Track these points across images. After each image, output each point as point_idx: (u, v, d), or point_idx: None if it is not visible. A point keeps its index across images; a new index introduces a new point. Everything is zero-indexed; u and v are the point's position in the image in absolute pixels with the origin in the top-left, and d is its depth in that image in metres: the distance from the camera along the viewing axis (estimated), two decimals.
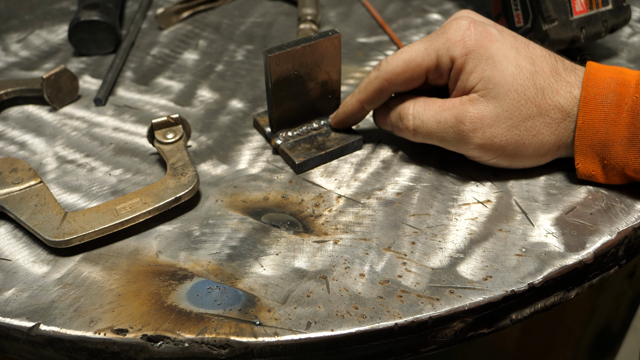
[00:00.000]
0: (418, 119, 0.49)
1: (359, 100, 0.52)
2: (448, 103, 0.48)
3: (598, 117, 0.46)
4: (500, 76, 0.46)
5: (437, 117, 0.48)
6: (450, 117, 0.48)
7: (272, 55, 0.49)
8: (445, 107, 0.48)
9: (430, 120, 0.49)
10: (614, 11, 0.59)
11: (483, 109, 0.47)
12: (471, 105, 0.47)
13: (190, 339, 0.40)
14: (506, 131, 0.47)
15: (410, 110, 0.50)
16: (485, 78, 0.47)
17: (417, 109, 0.49)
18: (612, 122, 0.46)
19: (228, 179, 0.52)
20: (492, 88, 0.46)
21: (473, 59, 0.47)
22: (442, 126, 0.48)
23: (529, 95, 0.47)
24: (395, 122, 0.51)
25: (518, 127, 0.47)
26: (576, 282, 0.45)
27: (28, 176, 0.49)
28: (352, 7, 0.75)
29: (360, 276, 0.43)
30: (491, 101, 0.47)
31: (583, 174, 0.48)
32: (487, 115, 0.47)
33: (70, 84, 0.60)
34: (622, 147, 0.46)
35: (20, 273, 0.44)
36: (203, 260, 0.45)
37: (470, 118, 0.47)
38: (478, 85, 0.47)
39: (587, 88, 0.46)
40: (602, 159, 0.47)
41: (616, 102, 0.46)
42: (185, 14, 0.73)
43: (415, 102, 0.50)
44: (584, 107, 0.46)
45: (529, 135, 0.47)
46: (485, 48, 0.47)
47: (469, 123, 0.47)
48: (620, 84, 0.46)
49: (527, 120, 0.47)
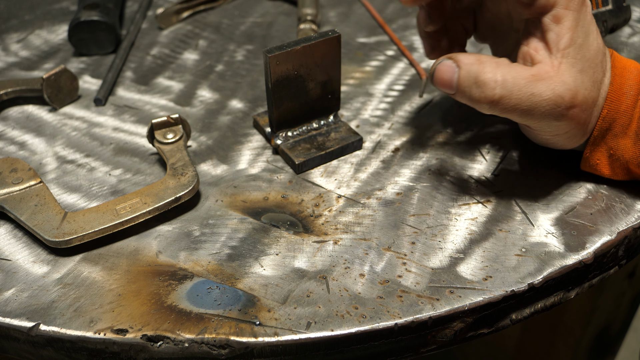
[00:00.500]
0: (504, 87, 0.42)
1: None
2: (540, 71, 0.43)
3: (620, 107, 0.45)
4: (587, 49, 0.43)
5: (530, 88, 0.42)
6: (547, 90, 0.42)
7: (272, 55, 0.49)
8: (540, 76, 0.42)
9: (520, 91, 0.42)
10: (614, 11, 0.59)
11: (576, 83, 0.43)
12: (568, 76, 0.42)
13: (190, 339, 0.40)
14: (582, 113, 0.44)
15: (495, 76, 0.42)
16: (579, 44, 0.43)
17: (505, 74, 0.42)
18: (629, 115, 0.45)
19: (228, 179, 0.52)
20: (580, 59, 0.43)
21: (574, 19, 0.42)
22: (535, 99, 0.42)
23: (597, 77, 0.44)
24: (468, 87, 0.43)
25: (587, 111, 0.44)
26: (576, 282, 0.45)
27: (28, 176, 0.49)
28: (352, 7, 0.75)
29: (360, 276, 0.43)
30: (578, 75, 0.43)
31: (587, 163, 0.48)
32: (580, 92, 0.43)
33: (70, 84, 0.60)
34: (630, 141, 0.45)
35: (20, 273, 0.44)
36: (203, 260, 0.45)
37: (570, 93, 0.42)
38: (570, 49, 0.43)
39: (615, 77, 0.45)
40: (609, 148, 0.47)
41: (635, 94, 0.45)
42: (185, 14, 0.73)
43: (498, 66, 0.43)
44: (611, 95, 0.45)
45: (587, 121, 0.45)
46: (584, 15, 0.43)
47: (568, 99, 0.42)
48: (638, 75, 0.45)
49: (592, 106, 0.45)
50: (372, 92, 0.61)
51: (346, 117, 0.58)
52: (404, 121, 0.57)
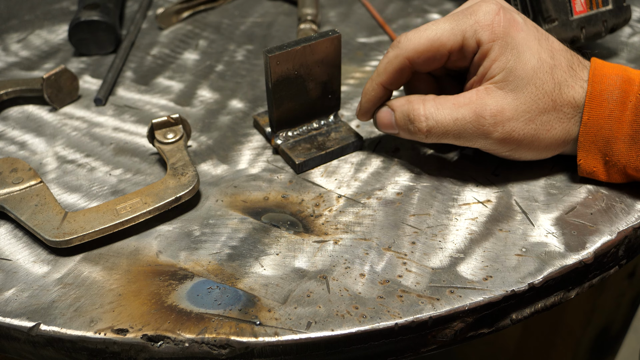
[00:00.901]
0: (432, 119, 0.47)
1: (380, 83, 0.49)
2: (462, 99, 0.47)
3: (603, 113, 0.46)
4: (522, 68, 0.45)
5: (453, 115, 0.46)
6: (468, 113, 0.46)
7: (272, 55, 0.49)
8: (461, 103, 0.46)
9: (445, 118, 0.47)
10: (614, 11, 0.59)
11: (502, 102, 0.46)
12: (490, 98, 0.46)
13: (190, 339, 0.40)
14: (524, 125, 0.46)
15: (421, 112, 0.47)
16: (508, 69, 0.46)
17: (429, 109, 0.47)
18: (616, 119, 0.46)
19: (228, 179, 0.52)
20: (512, 80, 0.46)
21: (500, 47, 0.45)
22: (460, 123, 0.46)
23: (546, 89, 0.46)
24: (404, 124, 0.49)
25: (534, 121, 0.46)
26: (576, 282, 0.45)
27: (28, 176, 0.49)
28: (352, 7, 0.75)
29: (361, 276, 0.43)
30: (509, 93, 0.46)
31: (584, 171, 0.48)
32: (506, 108, 0.46)
33: (70, 84, 0.60)
34: (624, 145, 0.46)
35: (20, 273, 0.44)
36: (203, 260, 0.45)
37: (490, 111, 0.46)
38: (499, 76, 0.46)
39: (594, 84, 0.46)
40: (604, 155, 0.47)
41: (621, 99, 0.46)
42: (185, 14, 0.73)
43: (424, 102, 0.48)
44: (590, 103, 0.46)
45: (544, 130, 0.47)
46: (512, 37, 0.46)
47: (489, 117, 0.46)
48: (625, 81, 0.46)
49: (542, 115, 0.46)
50: None
51: (346, 117, 0.58)
52: None
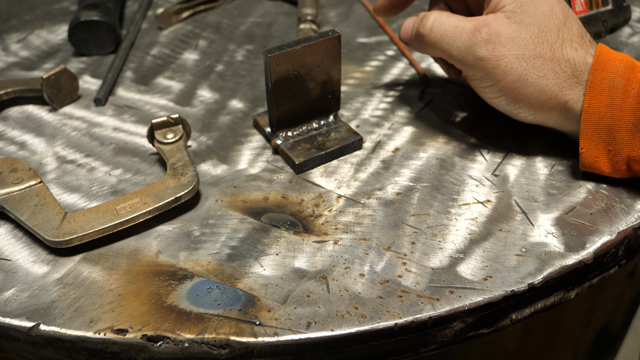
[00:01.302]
0: (437, 20, 0.50)
1: None
2: (473, 17, 0.50)
3: (604, 101, 0.46)
4: (532, 8, 0.48)
5: (456, 23, 0.49)
6: (469, 25, 0.49)
7: (272, 55, 0.49)
8: (469, 18, 0.50)
9: (449, 23, 0.50)
10: (614, 11, 0.59)
11: (502, 27, 0.48)
12: (494, 21, 0.48)
13: (190, 339, 0.40)
14: (514, 59, 0.47)
15: (434, 13, 0.51)
16: (519, 2, 0.48)
17: (442, 14, 0.51)
18: (618, 107, 0.46)
19: (228, 179, 0.52)
20: (520, 13, 0.48)
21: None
22: (458, 31, 0.49)
23: (548, 38, 0.48)
24: (416, 24, 0.52)
25: (527, 60, 0.47)
26: (576, 282, 0.45)
27: (28, 176, 0.49)
28: (352, 7, 0.75)
29: (360, 276, 0.43)
30: (513, 24, 0.48)
31: (586, 161, 0.48)
32: (503, 34, 0.48)
33: (70, 84, 0.60)
34: (627, 133, 0.45)
35: (20, 273, 0.44)
36: (203, 260, 0.45)
37: (488, 29, 0.48)
38: (509, 6, 0.48)
39: (595, 72, 0.46)
40: (607, 144, 0.47)
41: (623, 87, 0.46)
42: (185, 14, 0.73)
43: (440, 11, 0.51)
44: (590, 90, 0.46)
45: (534, 75, 0.47)
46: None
47: (485, 33, 0.48)
48: (629, 69, 0.46)
49: (537, 59, 0.47)
50: (372, 92, 0.61)
51: (346, 117, 0.58)
52: (404, 121, 0.57)
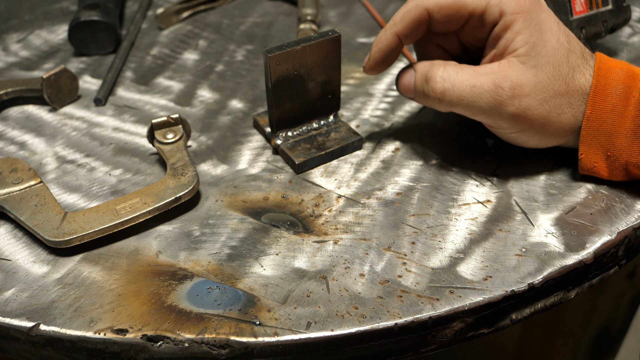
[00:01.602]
0: (448, 81, 0.46)
1: (395, 32, 0.48)
2: (484, 68, 0.46)
3: (606, 107, 0.46)
4: (543, 46, 0.45)
5: (471, 81, 0.46)
6: (487, 82, 0.45)
7: (272, 55, 0.49)
8: (481, 72, 0.46)
9: (463, 83, 0.46)
10: (614, 11, 0.59)
11: (522, 76, 0.45)
12: (511, 71, 0.45)
13: (190, 339, 0.40)
14: (539, 104, 0.46)
15: (439, 72, 0.47)
16: (531, 43, 0.45)
17: (448, 71, 0.47)
18: (619, 114, 0.46)
19: (228, 179, 0.52)
20: (534, 56, 0.45)
21: (524, 20, 0.45)
22: (477, 90, 0.46)
23: (562, 71, 0.46)
24: (421, 85, 0.48)
25: (548, 102, 0.46)
26: (576, 282, 0.45)
27: (28, 176, 0.49)
28: (352, 7, 0.75)
29: (360, 276, 0.43)
30: (530, 70, 0.45)
31: (585, 166, 0.48)
32: (526, 84, 0.45)
33: (70, 84, 0.60)
34: (626, 140, 0.46)
35: (20, 273, 0.44)
36: (203, 260, 0.45)
37: (510, 83, 0.45)
38: (521, 50, 0.45)
39: (599, 77, 0.46)
40: (606, 150, 0.47)
41: (624, 94, 0.46)
42: (185, 14, 0.73)
43: (445, 65, 0.47)
44: (594, 96, 0.46)
45: (555, 113, 0.47)
46: (536, 14, 0.46)
47: (508, 89, 0.45)
48: (630, 76, 0.46)
49: (556, 97, 0.46)
50: (372, 92, 0.61)
51: (346, 117, 0.58)
52: (404, 121, 0.57)
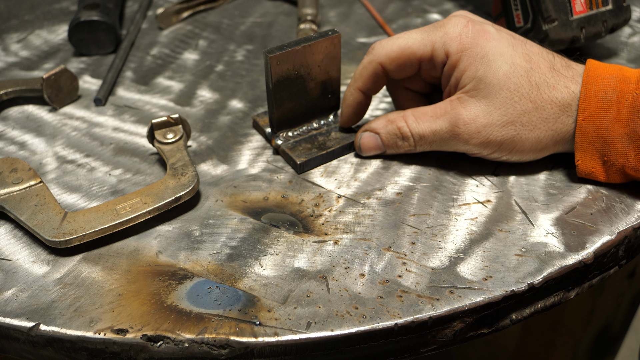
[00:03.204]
0: (417, 134, 0.50)
1: (357, 88, 0.52)
2: (438, 109, 0.49)
3: (598, 113, 0.46)
4: (493, 75, 0.47)
5: (432, 127, 0.49)
6: (444, 124, 0.48)
7: (272, 55, 0.49)
8: (437, 114, 0.49)
9: (426, 132, 0.49)
10: (614, 11, 0.59)
11: (474, 110, 0.48)
12: (462, 108, 0.48)
13: (190, 339, 0.40)
14: (501, 127, 0.47)
15: (406, 128, 0.50)
16: (477, 78, 0.47)
17: (411, 124, 0.50)
18: (613, 119, 0.46)
19: (228, 179, 0.52)
20: (483, 88, 0.47)
21: (467, 57, 0.47)
22: (439, 134, 0.49)
23: (522, 92, 0.47)
24: (393, 143, 0.51)
25: (514, 122, 0.47)
26: (576, 282, 0.45)
27: (28, 176, 0.49)
28: (352, 7, 0.75)
29: (360, 276, 0.43)
30: (482, 100, 0.47)
31: (583, 171, 0.48)
32: (479, 115, 0.47)
33: (70, 84, 0.60)
34: (622, 144, 0.46)
35: (20, 273, 0.44)
36: (203, 260, 0.45)
37: (463, 120, 0.48)
38: (470, 85, 0.48)
39: (587, 85, 0.47)
40: (602, 155, 0.47)
41: (616, 99, 0.46)
42: (185, 14, 0.73)
43: (405, 118, 0.50)
44: (584, 104, 0.46)
45: (526, 130, 0.48)
46: (481, 46, 0.47)
47: (463, 126, 0.48)
48: (621, 81, 0.46)
49: (522, 116, 0.47)
50: None
51: None
52: None
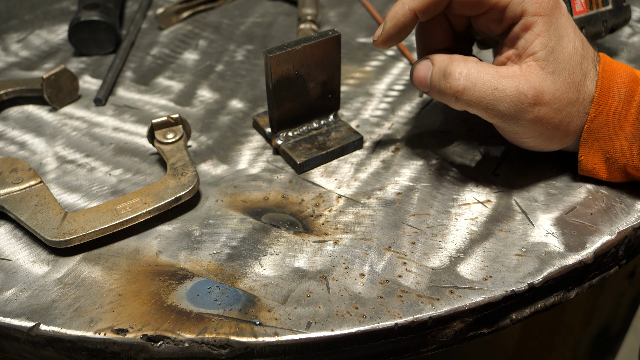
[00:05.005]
0: (468, 79, 0.44)
1: (412, 8, 0.46)
2: (506, 70, 0.45)
3: (609, 110, 0.46)
4: (561, 52, 0.44)
5: (493, 83, 0.44)
6: (510, 86, 0.44)
7: (272, 55, 0.49)
8: (504, 74, 0.44)
9: (484, 84, 0.44)
10: (614, 11, 0.59)
11: (543, 83, 0.44)
12: (534, 77, 0.44)
13: (190, 339, 0.40)
14: (554, 113, 0.45)
15: (459, 68, 0.45)
16: (550, 48, 0.44)
17: (470, 68, 0.45)
18: (621, 117, 0.46)
19: (228, 179, 0.52)
20: (553, 62, 0.44)
21: (545, 23, 0.44)
22: (498, 94, 0.44)
23: (575, 79, 0.45)
24: (437, 80, 0.46)
25: (562, 111, 0.45)
26: (576, 282, 0.45)
27: (28, 176, 0.49)
28: (352, 7, 0.75)
29: (360, 276, 0.43)
30: (549, 77, 0.44)
31: (585, 168, 0.48)
32: (546, 92, 0.44)
33: (70, 84, 0.60)
34: (626, 142, 0.46)
35: (20, 273, 0.44)
36: (203, 260, 0.45)
37: (534, 91, 0.44)
38: (541, 53, 0.44)
39: (603, 80, 0.46)
40: (605, 152, 0.47)
41: (627, 97, 0.46)
42: (185, 14, 0.73)
43: (466, 61, 0.45)
44: (599, 99, 0.46)
45: (565, 122, 0.46)
46: (556, 18, 0.45)
47: (531, 96, 0.44)
48: (632, 80, 0.46)
49: (567, 106, 0.45)
50: (372, 92, 0.61)
51: (346, 117, 0.58)
52: (404, 121, 0.57)
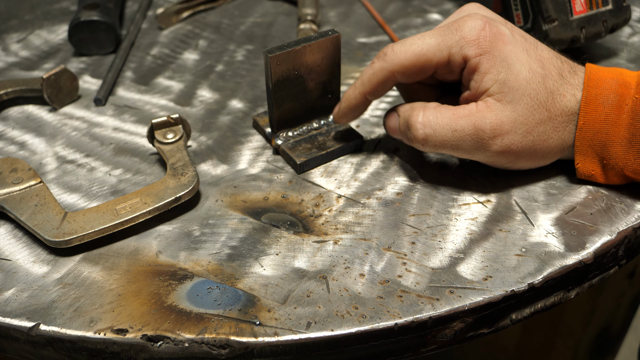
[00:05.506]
0: (429, 127, 0.47)
1: (363, 92, 0.50)
2: (463, 110, 0.46)
3: (599, 117, 0.46)
4: (514, 80, 0.45)
5: (452, 125, 0.46)
6: (467, 125, 0.46)
7: (272, 55, 0.49)
8: (461, 114, 0.46)
9: (443, 128, 0.46)
10: (614, 11, 0.59)
11: (501, 115, 0.45)
12: (489, 111, 0.45)
13: (190, 339, 0.40)
14: (522, 137, 0.46)
15: (419, 118, 0.47)
16: (501, 81, 0.45)
17: (428, 116, 0.47)
18: (613, 123, 0.46)
19: (228, 179, 0.52)
20: (508, 92, 0.45)
21: (488, 60, 0.45)
22: (459, 134, 0.46)
23: (540, 99, 0.46)
24: (404, 131, 0.49)
25: (532, 132, 0.46)
26: (576, 282, 0.45)
27: (28, 176, 0.49)
28: (352, 7, 0.75)
29: (360, 276, 0.43)
30: (507, 106, 0.45)
31: (582, 174, 0.49)
32: (505, 122, 0.45)
33: (70, 84, 0.60)
34: (621, 148, 0.46)
35: (20, 273, 0.44)
36: (203, 260, 0.45)
37: (490, 125, 0.45)
38: (493, 88, 0.46)
39: (589, 88, 0.46)
40: (602, 159, 0.47)
41: (617, 103, 0.46)
42: (185, 14, 0.73)
43: (425, 109, 0.47)
44: (585, 107, 0.46)
45: (540, 140, 0.47)
46: (499, 50, 0.46)
47: (489, 130, 0.45)
48: (621, 85, 0.46)
49: (539, 125, 0.46)
50: None
51: None
52: None
